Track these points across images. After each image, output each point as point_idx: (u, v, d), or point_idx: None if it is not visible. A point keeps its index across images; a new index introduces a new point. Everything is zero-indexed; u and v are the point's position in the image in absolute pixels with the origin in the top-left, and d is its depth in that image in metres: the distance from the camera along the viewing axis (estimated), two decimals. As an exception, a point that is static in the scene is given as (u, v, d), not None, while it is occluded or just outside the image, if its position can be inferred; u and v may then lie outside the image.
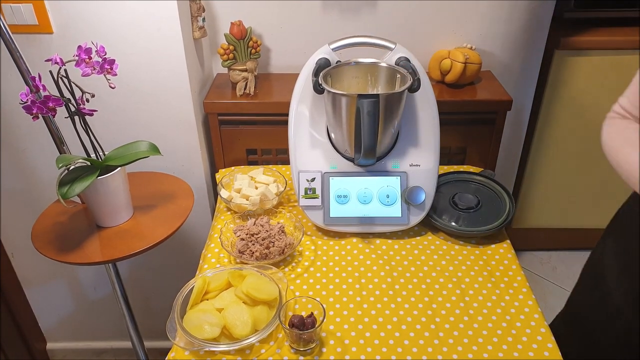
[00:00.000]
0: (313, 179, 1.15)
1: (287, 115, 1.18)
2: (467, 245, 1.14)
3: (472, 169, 1.35)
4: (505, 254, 1.11)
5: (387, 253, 1.12)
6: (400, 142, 1.17)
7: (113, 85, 1.02)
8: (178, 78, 1.29)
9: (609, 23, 1.72)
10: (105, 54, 1.00)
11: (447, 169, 1.35)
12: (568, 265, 2.14)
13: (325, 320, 0.95)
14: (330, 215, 1.14)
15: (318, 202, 1.14)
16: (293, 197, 1.29)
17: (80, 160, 1.07)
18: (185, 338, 0.90)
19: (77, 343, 1.86)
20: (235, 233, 1.14)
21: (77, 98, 1.03)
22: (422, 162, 1.16)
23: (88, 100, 1.05)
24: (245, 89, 1.41)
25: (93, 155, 1.11)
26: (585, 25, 1.71)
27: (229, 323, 0.90)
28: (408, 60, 1.12)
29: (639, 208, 0.94)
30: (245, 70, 1.41)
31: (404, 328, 0.94)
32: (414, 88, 1.08)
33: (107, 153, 1.12)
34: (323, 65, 1.12)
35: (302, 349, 0.90)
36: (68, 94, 1.02)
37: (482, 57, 1.45)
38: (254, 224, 1.14)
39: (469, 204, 1.18)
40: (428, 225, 1.19)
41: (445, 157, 1.49)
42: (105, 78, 1.01)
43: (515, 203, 2.02)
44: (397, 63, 1.13)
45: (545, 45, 1.57)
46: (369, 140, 1.03)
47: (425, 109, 1.15)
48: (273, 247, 1.08)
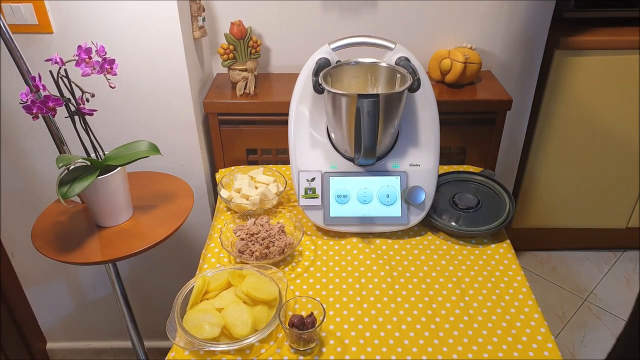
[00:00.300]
0: (313, 179, 1.15)
1: (287, 115, 1.18)
2: (467, 245, 1.14)
3: (472, 169, 1.36)
4: (505, 254, 1.11)
5: (387, 253, 1.12)
6: (400, 142, 1.17)
7: (113, 85, 1.02)
8: (178, 78, 1.29)
9: (609, 23, 1.72)
10: (105, 54, 1.00)
11: (447, 169, 1.35)
12: (568, 265, 2.14)
13: (325, 320, 0.95)
14: (330, 215, 1.14)
15: (318, 202, 1.14)
16: (293, 197, 1.29)
17: (80, 160, 1.07)
18: (185, 338, 0.90)
19: (77, 343, 1.86)
20: (235, 233, 1.14)
21: (77, 98, 1.03)
22: (422, 162, 1.16)
23: (88, 100, 1.05)
24: (245, 89, 1.41)
25: (93, 155, 1.11)
26: (586, 25, 1.71)
27: (229, 323, 0.90)
28: (408, 60, 1.12)
29: None
30: (245, 70, 1.41)
31: (404, 328, 0.94)
32: (414, 88, 1.08)
33: (107, 153, 1.12)
34: (323, 65, 1.12)
35: (302, 349, 0.90)
36: (68, 94, 1.02)
37: (482, 57, 1.45)
38: (254, 224, 1.14)
39: (469, 204, 1.18)
40: (428, 225, 1.19)
41: (445, 157, 1.49)
42: (105, 78, 1.01)
43: (515, 203, 2.02)
44: (397, 63, 1.13)
45: (545, 45, 1.57)
46: (369, 140, 1.03)
47: (425, 109, 1.15)
48: (273, 246, 1.08)
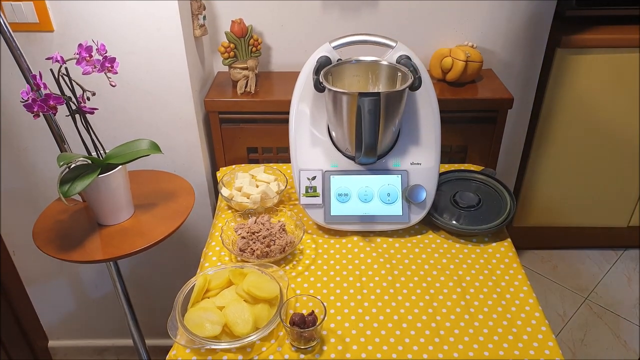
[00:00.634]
0: (314, 178, 1.15)
1: (287, 114, 1.18)
2: (467, 244, 1.14)
3: (473, 168, 1.36)
4: (506, 253, 1.11)
5: (387, 251, 1.12)
6: (401, 140, 1.17)
7: (114, 84, 1.02)
8: (179, 76, 1.29)
9: (611, 21, 1.72)
10: (106, 52, 1.00)
11: (448, 168, 1.35)
12: (569, 264, 2.14)
13: (326, 319, 0.95)
14: (331, 214, 1.14)
15: (319, 200, 1.14)
16: (294, 195, 1.29)
17: (81, 159, 1.07)
18: (187, 336, 0.90)
19: (78, 341, 1.86)
20: (236, 231, 1.14)
21: (78, 96, 1.03)
22: (423, 160, 1.16)
23: (89, 99, 1.05)
24: (246, 87, 1.41)
25: (94, 154, 1.11)
26: (587, 24, 1.70)
27: (230, 321, 0.90)
28: (409, 59, 1.11)
29: None
30: (246, 69, 1.41)
31: (405, 326, 0.94)
32: (415, 86, 1.08)
33: (108, 151, 1.12)
34: (324, 64, 1.12)
35: (303, 347, 0.90)
36: (69, 92, 1.02)
37: (483, 55, 1.45)
38: (255, 222, 1.15)
39: (470, 203, 1.18)
40: (429, 224, 1.19)
41: (446, 155, 1.49)
42: (106, 76, 1.01)
43: (517, 201, 2.02)
44: (398, 61, 1.13)
45: (547, 44, 1.57)
46: (370, 139, 1.03)
47: (426, 108, 1.15)
48: (274, 245, 1.08)
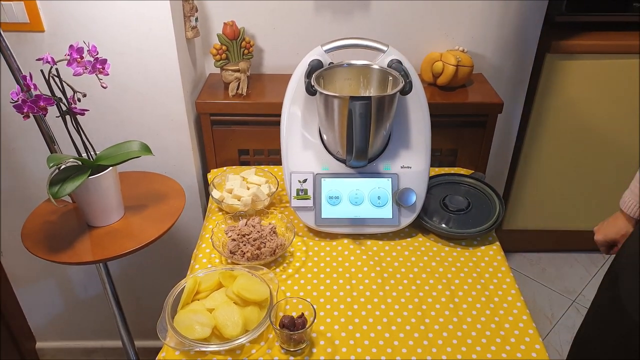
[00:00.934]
0: (305, 180, 1.15)
1: (279, 116, 1.18)
2: (457, 247, 1.15)
3: (462, 171, 1.36)
4: (495, 256, 1.12)
5: (377, 254, 1.12)
6: (392, 144, 1.17)
7: (105, 85, 1.02)
8: (170, 78, 1.29)
9: (600, 27, 1.73)
10: (97, 54, 1.00)
11: (438, 171, 1.35)
12: (557, 267, 2.16)
13: (316, 321, 0.95)
14: (322, 216, 1.15)
15: (310, 203, 1.15)
16: (285, 197, 1.29)
17: (72, 160, 1.06)
18: (176, 338, 0.90)
19: (67, 342, 1.85)
20: (227, 233, 1.14)
21: (68, 97, 1.03)
22: (413, 164, 1.16)
23: (79, 100, 1.04)
24: (238, 90, 1.41)
25: (84, 155, 1.11)
26: (577, 29, 1.72)
27: (220, 323, 0.91)
28: (400, 63, 1.12)
29: None
30: (238, 71, 1.41)
31: (394, 329, 0.95)
32: (406, 90, 1.08)
33: (98, 153, 1.11)
34: (315, 67, 1.12)
35: (292, 350, 0.90)
36: (59, 93, 1.02)
37: (473, 60, 1.46)
38: (246, 225, 1.15)
39: (460, 206, 1.19)
40: (419, 227, 1.19)
41: (436, 159, 1.50)
42: (97, 78, 1.01)
43: (506, 205, 2.03)
44: (389, 65, 1.13)
45: (537, 49, 1.58)
46: (361, 142, 1.03)
47: (417, 112, 1.16)
48: (264, 247, 1.09)
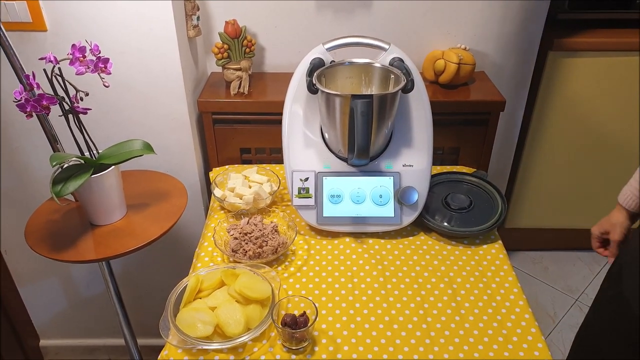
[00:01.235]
0: (306, 179, 1.15)
1: (281, 115, 1.18)
2: (459, 246, 1.15)
3: (464, 170, 1.36)
4: (497, 255, 1.12)
5: (379, 253, 1.12)
6: (394, 142, 1.17)
7: (107, 84, 1.02)
8: (172, 77, 1.29)
9: (603, 24, 1.73)
10: (100, 53, 1.00)
11: (440, 170, 1.35)
12: (560, 266, 2.16)
13: (318, 319, 0.95)
14: (324, 215, 1.15)
15: (311, 201, 1.15)
16: (286, 196, 1.29)
17: (74, 159, 1.07)
18: (178, 336, 0.90)
19: (70, 340, 1.85)
20: (229, 232, 1.14)
21: (71, 96, 1.03)
22: (415, 162, 1.16)
23: (82, 99, 1.04)
24: (240, 88, 1.41)
25: (87, 154, 1.11)
26: (579, 27, 1.72)
27: (222, 321, 0.91)
28: (402, 61, 1.12)
29: None
30: (240, 69, 1.41)
31: (396, 327, 0.95)
32: (408, 89, 1.08)
33: (101, 151, 1.12)
34: (317, 65, 1.12)
35: (294, 348, 0.91)
36: (62, 92, 1.02)
37: (475, 58, 1.46)
38: (248, 223, 1.15)
39: (462, 205, 1.19)
40: (420, 226, 1.19)
41: (438, 157, 1.50)
42: (100, 77, 1.01)
43: (508, 203, 2.03)
44: (391, 63, 1.13)
45: (539, 47, 1.58)
46: (363, 141, 1.03)
47: (419, 110, 1.16)
48: (266, 246, 1.09)
